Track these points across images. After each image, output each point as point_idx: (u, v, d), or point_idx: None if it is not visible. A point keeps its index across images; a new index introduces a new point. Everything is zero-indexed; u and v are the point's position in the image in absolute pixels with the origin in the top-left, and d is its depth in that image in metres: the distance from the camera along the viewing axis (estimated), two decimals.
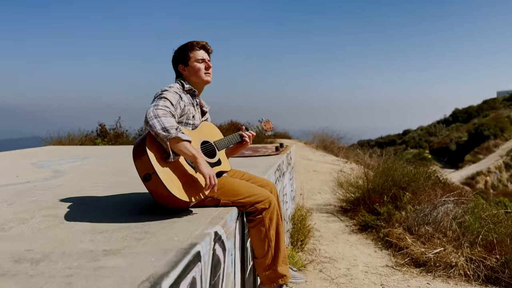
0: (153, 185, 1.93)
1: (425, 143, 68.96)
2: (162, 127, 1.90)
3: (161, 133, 1.90)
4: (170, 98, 2.08)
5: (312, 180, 9.77)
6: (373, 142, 69.36)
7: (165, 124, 1.91)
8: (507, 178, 47.53)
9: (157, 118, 1.91)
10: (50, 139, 9.93)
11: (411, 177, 6.55)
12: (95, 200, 2.58)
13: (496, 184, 45.82)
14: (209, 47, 2.44)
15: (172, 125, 1.93)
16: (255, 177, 2.58)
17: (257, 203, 2.19)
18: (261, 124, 2.81)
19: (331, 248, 5.34)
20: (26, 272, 1.35)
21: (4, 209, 2.32)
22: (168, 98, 2.07)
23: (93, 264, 1.41)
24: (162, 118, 1.92)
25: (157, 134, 1.92)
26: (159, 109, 1.95)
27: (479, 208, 5.22)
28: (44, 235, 1.79)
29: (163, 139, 1.92)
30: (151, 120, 1.92)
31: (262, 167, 3.88)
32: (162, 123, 1.91)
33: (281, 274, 2.26)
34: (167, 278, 1.26)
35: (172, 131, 1.91)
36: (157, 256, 1.45)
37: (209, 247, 1.69)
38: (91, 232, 1.80)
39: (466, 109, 77.95)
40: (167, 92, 2.12)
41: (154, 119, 1.91)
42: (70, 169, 4.12)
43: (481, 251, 4.46)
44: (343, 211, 7.22)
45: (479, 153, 54.58)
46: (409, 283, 4.16)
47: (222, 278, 1.88)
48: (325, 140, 16.40)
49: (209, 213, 2.07)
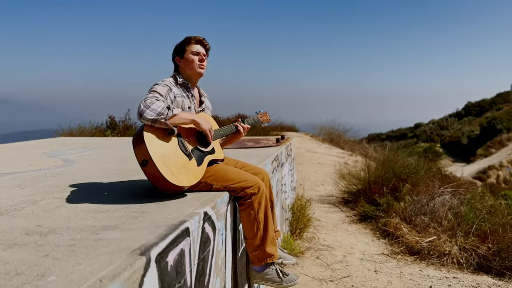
0: (150, 170, 2.13)
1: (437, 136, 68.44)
2: (156, 113, 2.10)
3: (158, 118, 2.11)
4: (158, 90, 2.27)
5: (316, 172, 9.93)
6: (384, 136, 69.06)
7: (158, 110, 2.11)
8: None
9: (148, 108, 2.10)
10: (61, 130, 10.23)
11: (411, 169, 6.68)
12: (100, 185, 2.79)
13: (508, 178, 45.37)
14: (206, 42, 2.62)
15: (163, 107, 2.13)
16: (249, 165, 2.77)
17: (247, 188, 2.38)
18: (257, 116, 2.99)
19: (330, 236, 5.52)
20: (35, 242, 1.55)
21: (17, 193, 2.54)
22: (157, 90, 2.26)
23: (94, 236, 1.61)
24: (152, 106, 2.11)
25: (155, 121, 2.11)
26: (147, 100, 2.14)
27: (476, 200, 5.34)
28: (52, 213, 1.99)
29: (162, 123, 2.13)
30: (144, 112, 2.10)
31: (260, 157, 4.06)
32: (155, 110, 2.10)
33: (269, 254, 2.45)
34: (156, 247, 1.46)
35: (165, 112, 2.12)
36: (150, 231, 1.64)
37: (198, 225, 1.88)
38: (94, 212, 2.01)
39: (479, 102, 77.03)
40: (156, 85, 2.31)
41: (146, 110, 2.10)
42: (79, 158, 4.35)
43: (474, 240, 4.61)
44: (344, 202, 7.38)
45: (491, 147, 54.06)
46: (402, 269, 4.33)
47: (212, 254, 2.07)
48: (331, 133, 16.51)
49: (201, 197, 2.26)
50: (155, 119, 2.10)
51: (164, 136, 2.21)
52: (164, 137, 2.21)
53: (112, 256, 1.37)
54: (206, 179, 2.37)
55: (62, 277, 1.21)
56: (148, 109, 2.10)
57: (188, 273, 1.75)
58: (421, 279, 4.05)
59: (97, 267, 1.28)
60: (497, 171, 45.52)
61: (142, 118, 2.12)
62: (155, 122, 2.12)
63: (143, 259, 1.36)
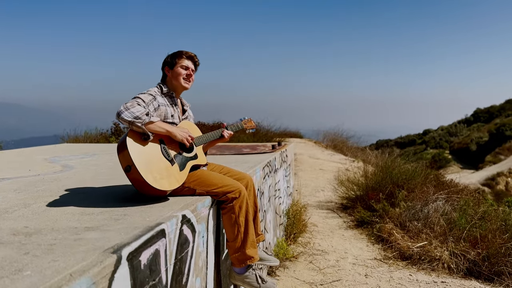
0: (133, 175, 2.25)
1: (446, 143, 67.94)
2: (134, 117, 2.23)
3: (134, 121, 2.23)
4: (142, 97, 2.41)
5: (317, 178, 10.01)
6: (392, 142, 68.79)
7: (136, 113, 2.24)
8: None
9: (127, 110, 2.23)
10: (67, 137, 10.44)
11: (408, 175, 6.74)
12: (92, 190, 2.92)
13: None
14: (196, 59, 2.76)
15: (142, 113, 2.26)
16: (233, 171, 2.88)
17: (229, 192, 2.49)
18: (241, 123, 3.11)
19: (326, 242, 5.60)
20: (19, 241, 1.68)
21: (13, 196, 2.68)
22: (140, 97, 2.39)
23: (75, 236, 1.73)
24: (131, 109, 2.24)
25: (131, 123, 2.23)
26: (127, 103, 2.27)
27: (469, 206, 5.39)
28: (40, 216, 2.12)
29: (138, 126, 2.24)
30: (122, 113, 2.23)
31: (252, 163, 4.17)
32: (133, 113, 2.23)
33: (249, 256, 2.55)
34: (128, 246, 1.58)
35: (143, 117, 2.25)
36: (126, 232, 1.77)
37: (176, 227, 1.99)
38: (80, 214, 2.13)
39: (488, 108, 76.40)
40: (141, 94, 2.45)
41: (124, 111, 2.23)
42: (78, 164, 4.50)
43: (465, 245, 4.66)
44: (342, 208, 7.46)
45: (500, 154, 53.49)
46: (392, 274, 4.40)
47: (191, 255, 2.18)
48: (335, 139, 16.58)
49: (183, 201, 2.38)
50: (131, 121, 2.22)
51: (147, 143, 2.33)
52: (147, 144, 2.33)
53: (87, 254, 1.49)
54: (190, 184, 2.49)
55: (37, 272, 1.33)
56: (127, 111, 2.23)
57: (164, 272, 1.86)
58: (410, 283, 4.11)
59: (71, 263, 1.40)
60: (506, 178, 44.99)
61: (120, 118, 2.24)
62: (132, 124, 2.24)
63: (113, 257, 1.48)
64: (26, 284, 1.24)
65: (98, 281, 1.38)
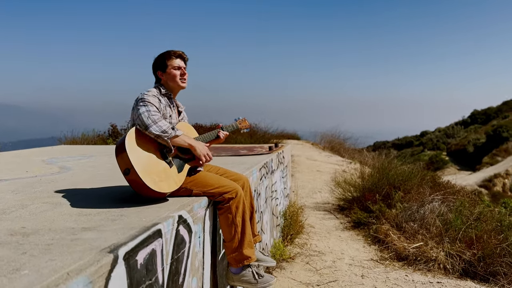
0: (132, 178, 2.27)
1: (443, 144, 68.11)
2: (161, 131, 2.35)
3: (162, 135, 2.35)
4: (153, 102, 2.46)
5: (315, 180, 10.04)
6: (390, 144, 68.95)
7: (163, 128, 2.36)
8: None
9: (155, 124, 2.35)
10: (64, 138, 10.44)
11: (404, 176, 6.78)
12: (89, 191, 2.93)
13: None
14: (185, 56, 2.77)
15: (168, 127, 2.38)
16: (229, 172, 2.90)
17: (225, 193, 2.51)
18: (236, 123, 3.14)
19: (322, 243, 5.62)
20: (17, 241, 1.69)
21: (10, 197, 2.69)
22: (153, 103, 2.45)
23: (72, 236, 1.75)
24: (159, 123, 2.36)
25: (158, 136, 2.35)
26: (154, 115, 2.38)
27: (464, 207, 5.42)
28: (38, 217, 2.14)
29: (164, 139, 2.37)
30: (151, 126, 2.34)
31: (249, 164, 4.20)
32: (160, 127, 2.35)
33: (246, 256, 2.57)
34: (125, 246, 1.59)
35: (170, 131, 2.37)
36: (123, 232, 1.78)
37: (172, 227, 2.01)
38: (77, 215, 2.15)
39: (485, 110, 76.68)
40: (148, 97, 2.46)
41: (153, 125, 2.34)
42: (76, 166, 4.51)
43: (461, 246, 4.69)
44: (339, 209, 7.48)
45: (497, 155, 53.70)
46: (388, 274, 4.42)
47: (187, 255, 2.20)
48: (332, 141, 16.62)
49: (180, 201, 2.40)
50: (159, 135, 2.34)
51: (145, 145, 2.36)
52: (145, 146, 2.36)
53: (83, 254, 1.51)
54: (186, 185, 2.51)
55: (34, 271, 1.35)
56: (155, 124, 2.35)
57: (160, 271, 1.88)
58: (405, 284, 4.14)
59: (68, 262, 1.42)
60: (503, 179, 45.18)
61: (148, 132, 2.35)
62: (158, 138, 2.36)
63: (110, 256, 1.50)
64: (24, 283, 1.26)
65: (95, 280, 1.40)
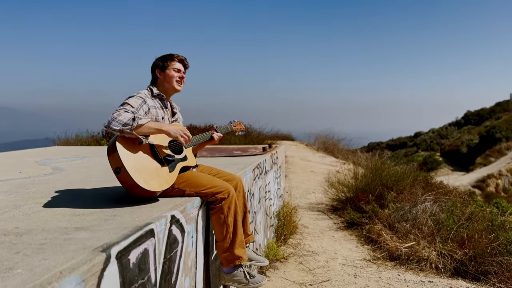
0: (123, 177, 2.29)
1: (437, 145, 68.51)
2: (122, 124, 2.25)
3: (124, 129, 2.25)
4: (131, 102, 2.43)
5: (309, 180, 10.08)
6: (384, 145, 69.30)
7: (123, 121, 2.26)
8: None
9: (114, 120, 2.25)
10: (58, 140, 10.40)
11: (397, 177, 6.83)
12: (82, 192, 2.94)
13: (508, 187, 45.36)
14: (186, 62, 2.80)
15: (129, 118, 2.27)
16: (223, 172, 2.92)
17: (217, 193, 2.53)
18: (230, 125, 3.16)
19: (316, 243, 5.65)
20: (10, 241, 1.71)
21: (3, 198, 2.70)
22: (129, 103, 2.42)
23: (65, 236, 1.76)
24: (118, 118, 2.27)
25: (121, 131, 2.27)
26: (115, 112, 2.30)
27: (456, 207, 5.48)
28: (31, 217, 2.15)
29: (129, 133, 2.27)
30: (111, 123, 2.26)
31: (242, 164, 4.22)
32: (120, 121, 2.26)
33: (238, 256, 2.59)
34: (117, 245, 1.61)
35: (131, 122, 2.26)
36: (116, 231, 1.80)
37: (165, 227, 2.03)
38: (70, 215, 2.16)
39: (478, 111, 77.23)
40: (130, 98, 2.48)
41: (112, 121, 2.26)
42: (69, 166, 4.51)
43: (453, 245, 4.74)
44: (333, 210, 7.52)
45: (490, 156, 54.09)
46: (381, 274, 4.46)
47: (180, 255, 2.22)
48: (326, 142, 16.69)
49: (173, 201, 2.42)
50: (121, 129, 2.25)
51: (136, 145, 2.37)
52: (137, 146, 2.37)
53: (76, 253, 1.53)
54: (179, 185, 2.53)
55: (27, 270, 1.37)
56: (114, 120, 2.25)
57: (153, 271, 1.90)
58: (398, 283, 4.18)
59: (61, 261, 1.43)
60: (496, 179, 45.53)
61: (110, 129, 2.28)
62: (122, 132, 2.27)
63: (103, 255, 1.51)
64: (17, 281, 1.27)
65: (88, 278, 1.42)
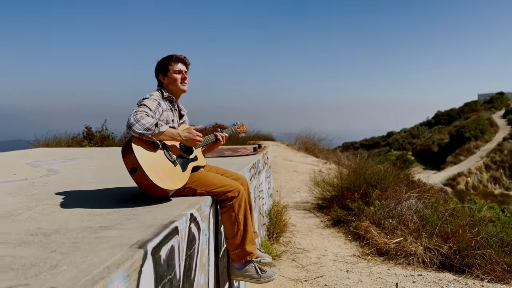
0: (139, 176, 2.34)
1: (408, 145, 70.24)
2: (144, 129, 2.32)
3: (145, 133, 2.32)
4: (148, 105, 2.49)
5: (292, 180, 10.23)
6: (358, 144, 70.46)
7: (146, 125, 2.32)
8: (487, 179, 48.84)
9: (138, 122, 2.31)
10: (36, 141, 10.20)
11: (380, 175, 7.05)
12: (89, 192, 2.97)
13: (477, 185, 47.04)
14: (187, 60, 2.86)
15: (151, 124, 2.34)
16: (229, 172, 3.01)
17: (228, 192, 2.61)
18: (234, 127, 3.25)
19: (305, 240, 5.79)
20: (41, 241, 1.74)
21: (10, 200, 2.70)
22: (147, 105, 2.48)
23: (94, 235, 1.81)
24: (141, 121, 2.33)
25: (142, 135, 2.33)
26: (137, 114, 2.35)
27: (439, 203, 5.72)
28: (49, 217, 2.18)
29: (148, 137, 2.34)
30: (133, 125, 2.32)
31: (239, 164, 4.30)
32: (143, 125, 2.32)
33: (249, 252, 2.68)
34: (151, 242, 1.68)
35: (153, 128, 2.33)
36: (144, 229, 1.86)
37: (185, 225, 2.10)
38: (88, 215, 2.20)
39: (448, 111, 79.63)
40: (146, 100, 2.53)
41: (135, 124, 2.32)
42: (63, 168, 4.49)
43: (438, 240, 4.96)
44: (319, 208, 7.69)
45: (460, 155, 55.91)
46: (372, 269, 4.63)
47: (197, 252, 2.29)
48: (306, 142, 16.94)
49: (187, 200, 2.48)
50: (142, 133, 2.32)
51: (150, 146, 2.43)
52: (150, 147, 2.43)
53: (114, 250, 1.58)
54: (191, 185, 2.59)
55: (73, 266, 1.42)
56: (137, 123, 2.31)
57: (178, 267, 1.96)
58: (389, 277, 4.35)
59: (103, 258, 1.49)
60: (466, 177, 47.12)
61: (131, 131, 2.33)
62: (142, 136, 2.34)
63: (141, 252, 1.58)
64: (67, 277, 1.32)
65: (131, 274, 1.48)
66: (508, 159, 50.34)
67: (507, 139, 56.08)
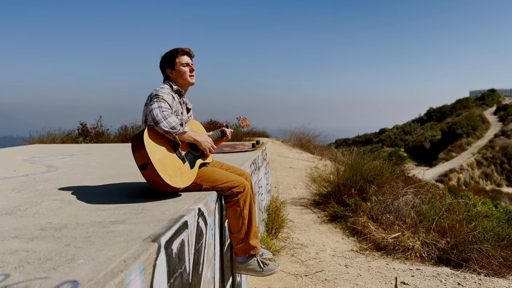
0: (149, 173, 2.35)
1: (401, 141, 70.68)
2: (171, 127, 2.38)
3: (171, 131, 2.39)
4: (167, 99, 2.50)
5: (288, 176, 10.27)
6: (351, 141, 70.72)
7: (172, 124, 2.39)
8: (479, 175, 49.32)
9: (165, 120, 2.37)
10: (30, 138, 10.13)
11: (377, 171, 7.10)
12: (93, 188, 2.97)
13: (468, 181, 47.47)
14: (192, 52, 2.87)
15: (177, 123, 2.42)
16: (233, 167, 3.03)
17: (234, 187, 2.63)
18: (238, 122, 3.27)
19: (303, 236, 5.83)
20: (53, 235, 1.75)
21: (14, 195, 2.69)
22: (166, 100, 2.49)
23: (105, 229, 1.82)
24: (168, 119, 2.39)
25: (167, 132, 2.39)
26: (164, 111, 2.39)
27: (436, 199, 5.79)
28: (58, 212, 2.18)
29: (173, 135, 2.41)
30: (161, 122, 2.37)
31: (239, 161, 4.32)
32: (170, 123, 2.38)
33: (253, 246, 2.71)
34: (164, 236, 1.69)
35: (178, 127, 2.41)
36: (154, 223, 1.87)
37: (194, 219, 2.12)
38: (96, 210, 2.21)
39: (440, 108, 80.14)
40: (162, 94, 2.52)
41: (163, 121, 2.37)
42: (62, 164, 4.47)
43: (435, 235, 5.02)
44: (315, 204, 7.73)
45: (452, 151, 56.35)
46: (370, 264, 4.68)
47: (204, 246, 2.31)
48: (301, 138, 16.99)
49: (193, 195, 2.50)
50: (167, 131, 2.38)
51: (161, 142, 2.44)
52: (161, 143, 2.44)
53: (128, 244, 1.59)
54: (196, 180, 2.61)
55: (90, 260, 1.43)
56: (165, 120, 2.37)
57: (187, 261, 1.98)
58: (388, 271, 4.41)
59: (118, 252, 1.50)
60: (457, 174, 47.54)
61: (157, 127, 2.38)
62: (167, 133, 2.39)
63: (155, 245, 1.59)
64: (86, 270, 1.33)
65: (146, 267, 1.50)
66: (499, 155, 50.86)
67: (498, 136, 56.62)
